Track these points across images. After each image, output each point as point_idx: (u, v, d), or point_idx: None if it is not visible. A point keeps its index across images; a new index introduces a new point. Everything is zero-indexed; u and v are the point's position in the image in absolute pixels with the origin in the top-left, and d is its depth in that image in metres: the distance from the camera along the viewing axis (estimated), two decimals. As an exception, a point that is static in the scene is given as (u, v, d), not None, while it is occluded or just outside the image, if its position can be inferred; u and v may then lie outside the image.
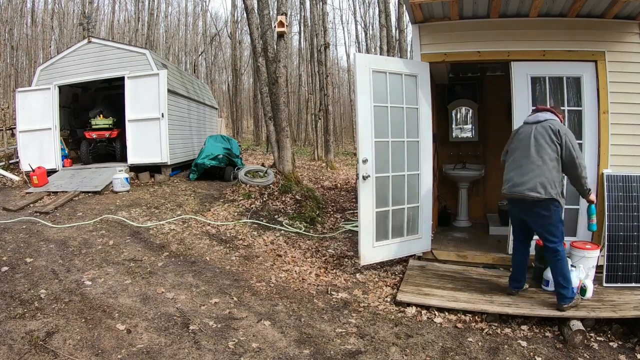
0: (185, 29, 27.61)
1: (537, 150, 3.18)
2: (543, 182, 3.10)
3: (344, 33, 66.63)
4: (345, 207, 7.36)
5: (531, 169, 3.16)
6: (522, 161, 3.26)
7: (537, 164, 3.15)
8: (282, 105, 7.52)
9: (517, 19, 4.06)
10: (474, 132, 6.09)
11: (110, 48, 8.08)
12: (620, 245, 3.58)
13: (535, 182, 3.12)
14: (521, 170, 3.23)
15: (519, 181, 3.21)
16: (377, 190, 4.07)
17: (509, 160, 3.42)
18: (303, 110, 23.60)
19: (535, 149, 3.19)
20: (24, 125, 8.01)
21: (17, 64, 19.80)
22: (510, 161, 3.40)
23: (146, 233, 5.08)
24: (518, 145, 3.34)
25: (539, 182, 3.10)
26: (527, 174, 3.17)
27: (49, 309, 3.10)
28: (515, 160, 3.34)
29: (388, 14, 12.84)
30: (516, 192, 3.22)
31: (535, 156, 3.17)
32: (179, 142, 8.54)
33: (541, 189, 3.08)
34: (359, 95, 3.95)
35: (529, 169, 3.18)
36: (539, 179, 3.11)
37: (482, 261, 4.27)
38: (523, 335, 3.07)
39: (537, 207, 3.15)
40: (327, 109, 14.06)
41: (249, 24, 7.91)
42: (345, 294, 3.77)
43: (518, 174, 3.25)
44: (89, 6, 18.78)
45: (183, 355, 2.67)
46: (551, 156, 3.13)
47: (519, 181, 3.21)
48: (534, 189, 3.11)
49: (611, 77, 3.87)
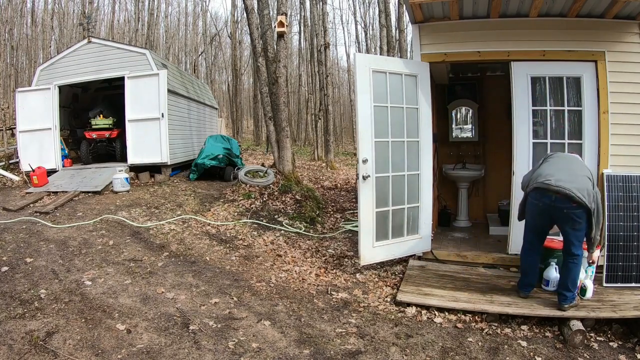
0: (185, 29, 27.62)
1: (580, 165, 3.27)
2: (588, 190, 3.04)
3: (344, 33, 66.70)
4: (345, 207, 7.36)
5: (577, 175, 3.11)
6: (567, 165, 3.21)
7: (581, 173, 3.14)
8: (282, 105, 7.52)
9: (517, 19, 4.06)
10: (474, 132, 6.09)
11: (110, 48, 8.07)
12: (620, 245, 3.58)
13: (582, 186, 3.03)
14: (567, 172, 3.14)
15: (565, 178, 3.08)
16: (377, 190, 4.07)
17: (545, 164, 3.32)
18: (303, 110, 23.60)
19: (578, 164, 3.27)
20: (24, 125, 8.01)
21: (17, 64, 19.80)
22: (547, 164, 3.30)
23: (146, 233, 5.08)
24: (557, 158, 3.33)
25: (586, 188, 3.03)
26: (574, 176, 3.09)
27: (49, 309, 3.10)
28: (555, 163, 3.27)
29: (388, 14, 12.83)
30: (562, 187, 3.03)
31: (579, 167, 3.21)
32: (179, 142, 8.54)
33: (586, 195, 3.01)
34: (359, 95, 3.95)
35: (574, 173, 3.13)
36: (585, 185, 3.04)
37: (482, 261, 4.27)
38: (523, 335, 3.07)
39: (575, 210, 3.03)
40: (327, 109, 14.06)
41: (249, 24, 7.91)
42: (345, 294, 3.77)
43: (564, 173, 3.12)
44: (89, 6, 18.79)
45: (183, 355, 2.67)
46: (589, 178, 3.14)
47: (565, 178, 3.08)
48: (582, 191, 3.01)
49: (611, 77, 3.87)
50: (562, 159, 3.34)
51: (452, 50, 4.29)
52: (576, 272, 3.13)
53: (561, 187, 3.04)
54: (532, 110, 4.06)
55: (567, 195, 3.01)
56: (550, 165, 3.28)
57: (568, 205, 3.03)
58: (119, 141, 8.37)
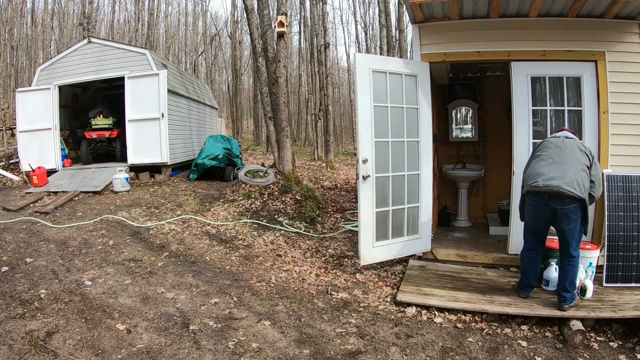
0: (185, 29, 27.62)
1: (572, 153, 3.16)
2: (579, 180, 3.02)
3: (344, 33, 66.62)
4: (345, 207, 7.36)
5: (567, 166, 3.09)
6: (556, 159, 3.17)
7: (572, 163, 3.10)
8: (282, 105, 7.52)
9: (517, 19, 4.06)
10: (473, 132, 6.09)
11: (111, 48, 8.07)
12: (620, 245, 3.58)
13: (572, 178, 3.02)
14: (556, 167, 3.12)
15: (555, 175, 3.07)
16: (377, 190, 4.07)
17: (535, 160, 3.31)
18: (303, 110, 23.60)
19: (569, 152, 3.17)
20: (24, 125, 8.01)
21: (17, 64, 19.80)
22: (538, 159, 3.28)
23: (146, 233, 5.08)
24: (548, 149, 3.28)
25: (575, 179, 3.01)
26: (563, 170, 3.07)
27: (49, 309, 3.10)
28: (546, 158, 3.23)
29: (388, 14, 12.83)
30: (552, 185, 3.03)
31: (570, 156, 3.14)
32: (179, 142, 8.54)
33: (577, 187, 2.99)
34: (359, 95, 3.95)
35: (564, 166, 3.10)
36: (575, 176, 3.03)
37: (482, 261, 4.27)
38: (523, 335, 3.07)
39: (568, 206, 3.02)
40: (327, 109, 14.06)
41: (249, 24, 7.91)
42: (345, 294, 3.77)
43: (553, 169, 3.12)
44: (89, 6, 18.80)
45: (183, 355, 2.67)
46: (583, 163, 3.12)
47: (555, 175, 3.07)
48: (572, 184, 2.99)
49: (611, 77, 3.87)
50: (554, 149, 3.26)
51: (452, 50, 4.29)
52: (574, 274, 3.12)
53: (550, 187, 3.04)
54: (532, 110, 4.06)
55: (557, 193, 3.02)
56: (541, 162, 3.26)
57: (561, 202, 3.03)
58: (119, 141, 8.37)
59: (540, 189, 3.11)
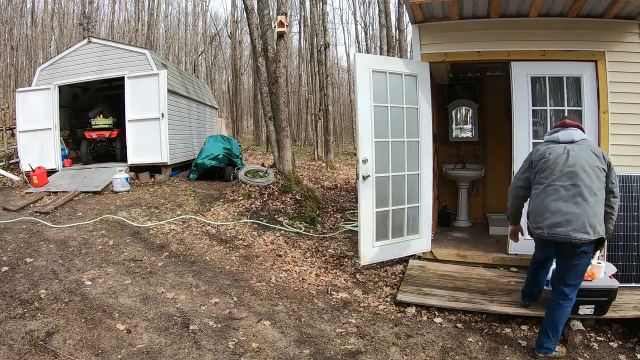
0: (185, 29, 27.64)
1: (582, 170, 2.60)
2: (592, 220, 2.55)
3: (344, 33, 66.67)
4: (345, 207, 7.36)
5: (577, 203, 2.58)
6: (562, 193, 2.62)
7: (584, 197, 2.58)
8: (282, 105, 7.52)
9: (517, 19, 4.06)
10: (474, 132, 6.09)
11: (111, 48, 8.08)
12: (620, 245, 3.58)
13: (583, 221, 2.54)
14: (564, 204, 2.61)
15: (561, 219, 2.59)
16: (377, 190, 4.07)
17: (539, 189, 2.75)
18: (303, 110, 23.61)
19: (579, 170, 2.61)
20: (24, 125, 8.01)
21: (17, 64, 19.82)
22: (542, 190, 2.73)
23: (146, 233, 5.08)
24: (552, 169, 2.70)
25: (587, 221, 2.54)
26: (573, 209, 2.57)
27: (49, 309, 3.10)
28: (551, 190, 2.68)
29: (388, 13, 12.83)
30: (559, 234, 2.58)
31: (582, 176, 2.60)
32: (179, 142, 8.54)
33: (590, 229, 2.53)
34: (359, 95, 3.95)
35: (575, 200, 2.58)
36: (588, 217, 2.54)
37: (482, 261, 4.27)
38: (523, 335, 3.07)
39: (579, 248, 2.58)
40: (327, 109, 14.06)
41: (249, 24, 7.90)
42: (345, 294, 3.77)
43: (559, 207, 2.62)
44: (89, 6, 18.77)
45: (183, 355, 2.67)
46: (599, 186, 2.61)
47: (562, 219, 2.59)
48: (582, 228, 2.53)
49: (611, 77, 3.87)
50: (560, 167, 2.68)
51: (452, 50, 4.29)
52: (562, 316, 2.67)
53: (557, 235, 2.61)
54: (532, 110, 4.06)
55: (564, 242, 2.61)
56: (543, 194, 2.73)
57: (570, 247, 2.61)
58: (119, 141, 8.38)
59: (545, 237, 2.69)
